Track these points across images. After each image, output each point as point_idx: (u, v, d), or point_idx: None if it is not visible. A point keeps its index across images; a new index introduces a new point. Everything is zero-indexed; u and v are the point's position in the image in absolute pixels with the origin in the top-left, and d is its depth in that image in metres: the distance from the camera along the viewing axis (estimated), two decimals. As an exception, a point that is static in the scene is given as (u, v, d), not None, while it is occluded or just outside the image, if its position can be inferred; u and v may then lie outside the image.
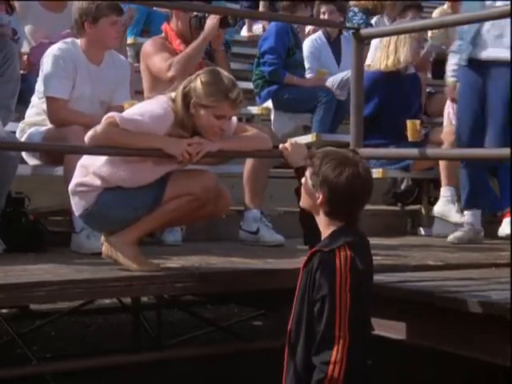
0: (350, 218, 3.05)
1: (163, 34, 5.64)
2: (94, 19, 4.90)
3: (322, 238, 3.07)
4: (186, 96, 3.78)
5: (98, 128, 3.73)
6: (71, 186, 3.93)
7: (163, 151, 3.72)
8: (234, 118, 4.05)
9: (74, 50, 4.96)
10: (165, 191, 3.85)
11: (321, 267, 2.92)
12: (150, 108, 3.81)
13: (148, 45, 5.59)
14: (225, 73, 3.87)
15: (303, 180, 3.14)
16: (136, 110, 3.83)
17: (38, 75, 5.20)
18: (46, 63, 4.90)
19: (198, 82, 3.78)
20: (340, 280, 2.87)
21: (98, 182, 3.83)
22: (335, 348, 2.84)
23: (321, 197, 3.00)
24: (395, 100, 6.18)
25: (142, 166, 3.82)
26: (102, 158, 3.83)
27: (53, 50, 4.95)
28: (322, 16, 7.45)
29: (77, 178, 3.91)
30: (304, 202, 3.14)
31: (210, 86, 3.76)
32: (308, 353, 2.94)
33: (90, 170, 3.86)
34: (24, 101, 5.27)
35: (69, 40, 5.04)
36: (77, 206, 3.93)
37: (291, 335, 3.03)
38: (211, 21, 5.35)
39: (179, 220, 4.20)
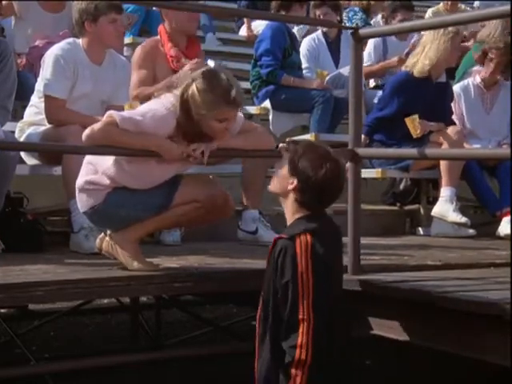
0: (317, 208, 3.15)
1: (158, 36, 5.65)
2: (93, 18, 4.91)
3: (288, 224, 3.18)
4: (185, 103, 3.70)
5: (96, 126, 3.72)
6: (79, 183, 3.91)
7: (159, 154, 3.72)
8: (241, 115, 4.04)
9: (75, 50, 4.96)
10: (174, 197, 3.84)
11: (282, 253, 3.04)
12: (154, 108, 3.77)
13: (137, 52, 5.59)
14: (221, 73, 3.75)
15: (277, 164, 3.25)
16: (139, 110, 3.81)
17: (35, 75, 5.19)
18: (47, 62, 4.90)
19: (194, 90, 3.67)
20: (301, 265, 2.99)
21: (107, 182, 3.82)
22: (300, 332, 2.96)
23: (294, 183, 3.11)
24: (418, 106, 6.07)
25: (149, 167, 3.80)
26: (110, 158, 3.82)
27: (54, 49, 4.95)
28: None
29: (86, 175, 3.89)
30: (275, 185, 3.25)
31: (206, 93, 3.66)
32: (276, 339, 3.05)
33: (98, 168, 3.84)
34: (21, 101, 5.27)
35: (71, 40, 5.05)
36: (84, 202, 3.91)
37: (260, 323, 3.14)
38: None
39: (183, 223, 4.28)
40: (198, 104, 3.67)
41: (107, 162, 3.82)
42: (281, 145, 3.84)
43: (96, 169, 3.85)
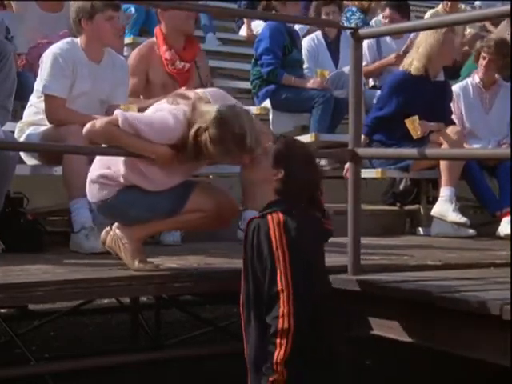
0: (293, 200, 3.25)
1: (155, 38, 5.63)
2: (90, 16, 4.92)
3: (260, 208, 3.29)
4: (197, 144, 3.62)
5: (98, 122, 3.73)
6: (92, 175, 3.90)
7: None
8: None
9: (73, 49, 4.96)
10: (186, 203, 3.85)
11: (256, 232, 3.16)
12: (160, 115, 3.73)
13: (133, 55, 5.59)
14: (235, 119, 3.59)
15: (257, 154, 3.41)
16: (146, 117, 3.78)
17: (35, 75, 5.19)
18: (46, 62, 4.90)
19: (207, 139, 3.57)
20: (275, 239, 3.09)
21: (120, 180, 3.82)
22: (281, 302, 3.04)
23: (280, 175, 3.24)
24: (416, 104, 6.06)
25: (162, 170, 3.78)
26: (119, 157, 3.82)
27: (53, 49, 4.95)
28: (325, 17, 7.42)
29: (99, 169, 3.88)
30: (259, 172, 3.35)
31: (220, 145, 3.57)
32: (260, 319, 3.14)
33: (110, 164, 3.84)
34: (21, 101, 5.27)
35: (69, 39, 5.05)
36: (94, 194, 3.90)
37: (243, 308, 3.22)
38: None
39: (188, 228, 4.37)
40: (212, 154, 3.62)
41: (119, 160, 3.81)
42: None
43: (108, 164, 3.86)
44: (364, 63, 7.44)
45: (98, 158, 3.95)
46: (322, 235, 3.38)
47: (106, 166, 3.86)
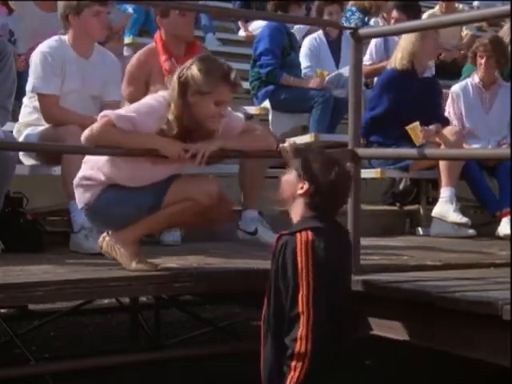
0: (326, 211, 3.22)
1: (154, 43, 5.61)
2: (76, 12, 4.92)
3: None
4: (183, 85, 3.71)
5: (94, 128, 3.73)
6: (76, 179, 3.93)
7: (159, 152, 3.72)
8: (241, 117, 4.04)
9: (61, 47, 4.96)
10: (164, 197, 3.84)
11: (283, 249, 3.12)
12: (145, 102, 3.82)
13: (132, 62, 5.55)
14: (216, 58, 3.85)
15: (282, 173, 3.33)
16: (132, 107, 3.85)
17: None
18: (35, 61, 4.92)
19: (194, 70, 3.70)
20: (301, 259, 3.04)
21: (102, 178, 3.84)
22: (300, 324, 3.00)
23: (305, 187, 3.19)
24: (405, 101, 6.10)
25: (142, 166, 3.81)
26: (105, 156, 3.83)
27: (41, 47, 4.97)
28: (327, 17, 7.42)
29: (82, 171, 3.92)
30: (284, 191, 3.30)
31: (208, 72, 3.69)
32: (277, 338, 3.11)
33: (94, 165, 3.86)
34: (20, 101, 5.28)
35: (56, 37, 5.05)
36: (80, 198, 3.93)
37: (264, 323, 3.21)
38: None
39: (180, 223, 4.26)
40: (199, 82, 3.68)
41: (103, 158, 3.83)
42: (281, 145, 3.83)
43: (92, 165, 3.87)
44: (370, 62, 7.51)
45: (84, 161, 3.96)
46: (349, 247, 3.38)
47: (90, 167, 3.89)
